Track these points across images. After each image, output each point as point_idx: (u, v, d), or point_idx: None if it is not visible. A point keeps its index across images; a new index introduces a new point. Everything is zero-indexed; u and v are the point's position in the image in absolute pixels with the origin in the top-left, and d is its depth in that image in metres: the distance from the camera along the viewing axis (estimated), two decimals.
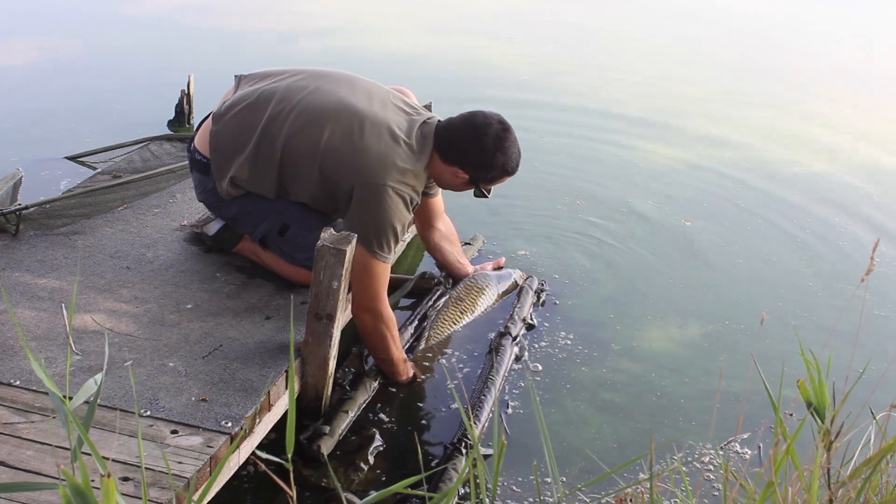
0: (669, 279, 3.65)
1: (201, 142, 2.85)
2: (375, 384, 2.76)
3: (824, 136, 5.83)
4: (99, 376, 1.23)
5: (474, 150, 2.66)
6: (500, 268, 3.45)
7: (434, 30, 7.88)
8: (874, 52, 9.02)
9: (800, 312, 3.43)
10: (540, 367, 2.95)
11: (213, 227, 2.97)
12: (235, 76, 2.95)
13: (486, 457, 2.50)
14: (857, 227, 4.33)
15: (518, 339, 3.04)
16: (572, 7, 9.71)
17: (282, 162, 2.68)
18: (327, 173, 2.64)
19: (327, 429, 2.50)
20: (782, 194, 4.70)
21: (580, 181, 4.62)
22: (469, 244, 3.69)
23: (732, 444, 2.57)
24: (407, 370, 2.81)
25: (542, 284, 3.44)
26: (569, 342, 3.11)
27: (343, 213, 2.69)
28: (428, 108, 3.07)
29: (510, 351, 2.96)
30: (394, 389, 2.79)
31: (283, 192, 2.76)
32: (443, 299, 3.22)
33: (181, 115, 4.75)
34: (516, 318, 3.12)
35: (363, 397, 2.69)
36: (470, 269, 3.35)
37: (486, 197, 2.79)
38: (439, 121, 2.73)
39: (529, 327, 3.16)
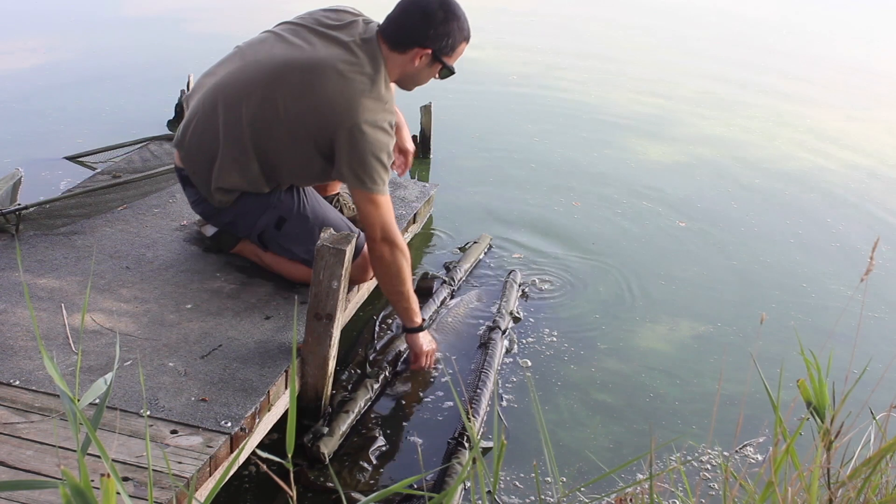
0: (662, 280, 3.64)
1: (179, 160, 2.86)
2: (377, 385, 2.76)
3: (819, 135, 5.84)
4: (109, 376, 1.22)
5: (424, 24, 2.59)
6: None
7: None
8: (872, 51, 9.04)
9: (794, 314, 3.43)
10: (529, 363, 2.96)
11: (210, 229, 2.97)
12: (184, 98, 2.94)
13: (487, 450, 2.51)
14: (850, 228, 4.33)
15: (507, 333, 3.06)
16: (563, 7, 9.72)
17: (257, 152, 2.66)
18: (301, 139, 2.62)
19: (326, 429, 2.50)
20: (777, 195, 4.70)
21: (575, 182, 4.63)
22: (476, 243, 3.70)
23: (747, 447, 2.56)
24: (419, 311, 2.81)
25: (524, 279, 3.46)
26: (554, 339, 3.12)
27: (332, 179, 2.75)
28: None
29: (500, 345, 2.97)
30: (392, 400, 2.79)
31: (274, 182, 2.74)
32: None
33: (181, 115, 4.75)
34: (504, 311, 3.13)
35: (364, 397, 2.68)
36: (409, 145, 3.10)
37: (454, 73, 2.72)
38: (377, 25, 2.67)
39: (515, 320, 3.18)
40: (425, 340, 2.85)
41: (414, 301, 2.78)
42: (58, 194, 3.36)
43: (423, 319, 2.87)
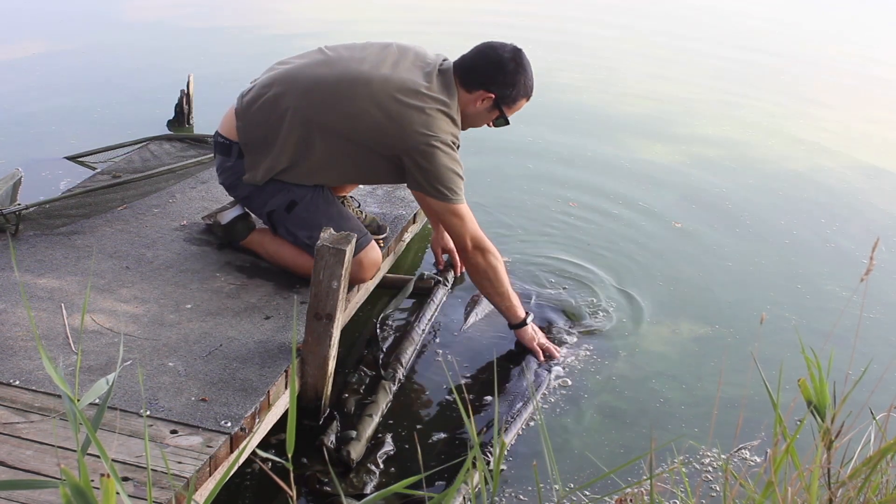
0: (658, 282, 3.63)
1: (225, 127, 2.90)
2: (394, 387, 2.74)
3: (815, 136, 5.84)
4: (111, 376, 1.22)
5: (495, 69, 2.75)
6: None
7: (423, 30, 7.87)
8: (870, 51, 9.04)
9: (790, 315, 3.42)
10: (569, 382, 2.91)
11: (227, 217, 2.99)
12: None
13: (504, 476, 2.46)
14: (845, 228, 4.33)
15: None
16: (561, 7, 9.72)
17: (322, 147, 2.73)
18: (373, 148, 2.73)
19: (353, 434, 2.47)
20: (772, 195, 4.70)
21: (572, 182, 4.62)
22: None
23: (742, 451, 2.55)
24: (520, 306, 2.95)
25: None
26: (553, 340, 3.10)
27: (380, 180, 2.97)
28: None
29: (552, 374, 2.91)
30: (402, 405, 2.79)
31: (320, 179, 2.80)
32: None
33: (181, 115, 4.75)
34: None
35: (385, 400, 2.67)
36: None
37: (507, 123, 2.87)
38: (453, 62, 2.82)
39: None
40: (531, 333, 2.96)
41: (514, 298, 2.93)
42: (58, 194, 3.36)
43: (527, 313, 2.98)
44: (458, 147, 2.76)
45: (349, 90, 2.70)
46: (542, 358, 2.94)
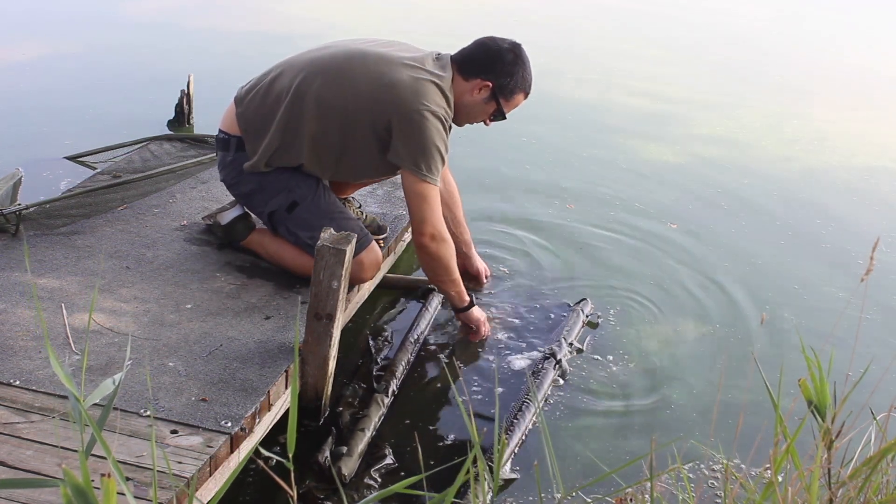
0: (657, 282, 3.62)
1: (225, 122, 2.91)
2: (388, 399, 2.72)
3: (812, 136, 5.84)
4: (118, 377, 1.22)
5: (493, 58, 2.77)
6: None
7: (423, 32, 7.88)
8: (868, 52, 9.04)
9: (788, 316, 3.41)
10: (562, 382, 2.90)
11: (227, 217, 2.99)
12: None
13: (510, 481, 2.44)
14: (844, 228, 4.33)
15: (560, 363, 2.92)
16: (559, 8, 9.72)
17: (315, 125, 2.73)
18: (363, 117, 2.71)
19: (345, 449, 2.44)
20: (770, 195, 4.69)
21: (569, 184, 4.61)
22: None
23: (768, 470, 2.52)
24: (465, 290, 2.99)
25: (594, 309, 3.32)
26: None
27: (373, 173, 2.93)
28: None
29: (551, 375, 2.87)
30: (401, 416, 2.78)
31: (313, 161, 2.79)
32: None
33: (181, 115, 4.75)
34: (563, 341, 3.02)
35: (378, 413, 2.63)
36: (467, 235, 3.35)
37: (504, 118, 2.87)
38: (451, 54, 2.85)
39: (579, 352, 3.06)
40: (476, 314, 3.04)
41: (460, 284, 2.96)
42: (58, 194, 3.36)
43: (471, 296, 3.03)
44: (449, 128, 2.75)
45: (345, 63, 2.75)
46: (477, 336, 3.06)
